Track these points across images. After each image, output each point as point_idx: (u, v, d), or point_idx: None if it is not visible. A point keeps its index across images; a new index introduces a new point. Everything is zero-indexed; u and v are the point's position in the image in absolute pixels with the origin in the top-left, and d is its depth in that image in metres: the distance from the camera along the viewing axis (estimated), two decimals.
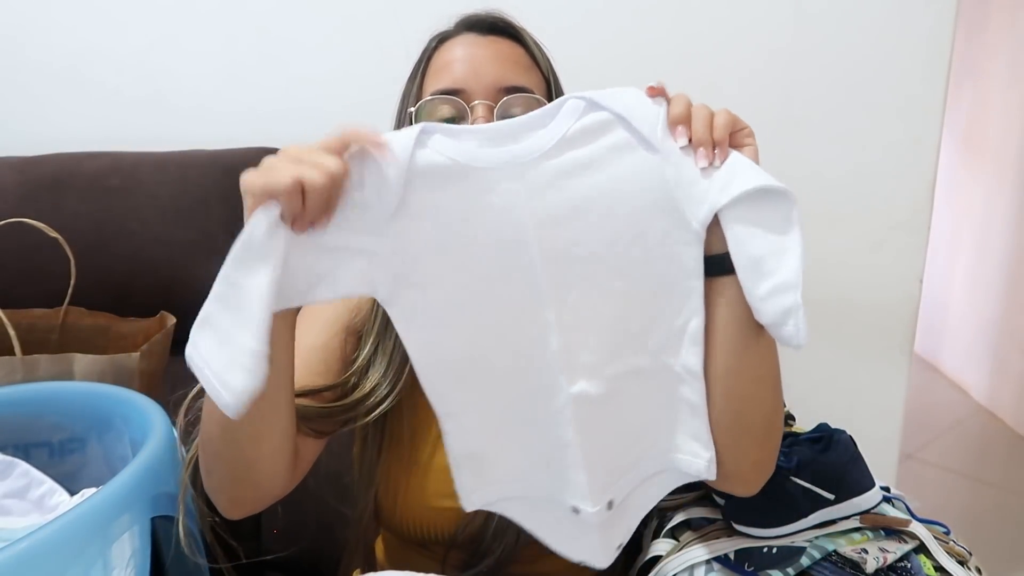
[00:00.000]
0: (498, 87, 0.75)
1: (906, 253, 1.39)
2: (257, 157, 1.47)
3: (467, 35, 0.79)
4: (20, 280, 1.23)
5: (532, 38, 0.81)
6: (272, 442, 0.65)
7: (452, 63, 0.77)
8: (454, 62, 0.76)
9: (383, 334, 0.78)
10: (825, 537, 0.77)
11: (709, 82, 1.38)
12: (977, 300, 3.07)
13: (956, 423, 2.88)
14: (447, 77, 0.76)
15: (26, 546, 0.54)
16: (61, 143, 1.39)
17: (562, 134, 0.61)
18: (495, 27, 0.79)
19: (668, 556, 0.82)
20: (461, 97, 0.75)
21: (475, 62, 0.76)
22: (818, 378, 1.44)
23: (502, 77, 0.75)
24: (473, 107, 0.74)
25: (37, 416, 0.84)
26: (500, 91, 0.75)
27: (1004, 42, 2.86)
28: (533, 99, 0.75)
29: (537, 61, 0.79)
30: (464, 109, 0.74)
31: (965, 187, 3.15)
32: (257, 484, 0.67)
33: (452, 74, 0.76)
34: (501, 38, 0.78)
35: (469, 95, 0.75)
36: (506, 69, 0.76)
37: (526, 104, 0.74)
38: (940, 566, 0.76)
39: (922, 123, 1.34)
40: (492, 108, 0.74)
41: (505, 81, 0.75)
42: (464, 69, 0.75)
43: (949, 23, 1.30)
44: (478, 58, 0.76)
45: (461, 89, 0.75)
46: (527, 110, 0.70)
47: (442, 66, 0.77)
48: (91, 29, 1.50)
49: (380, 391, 0.76)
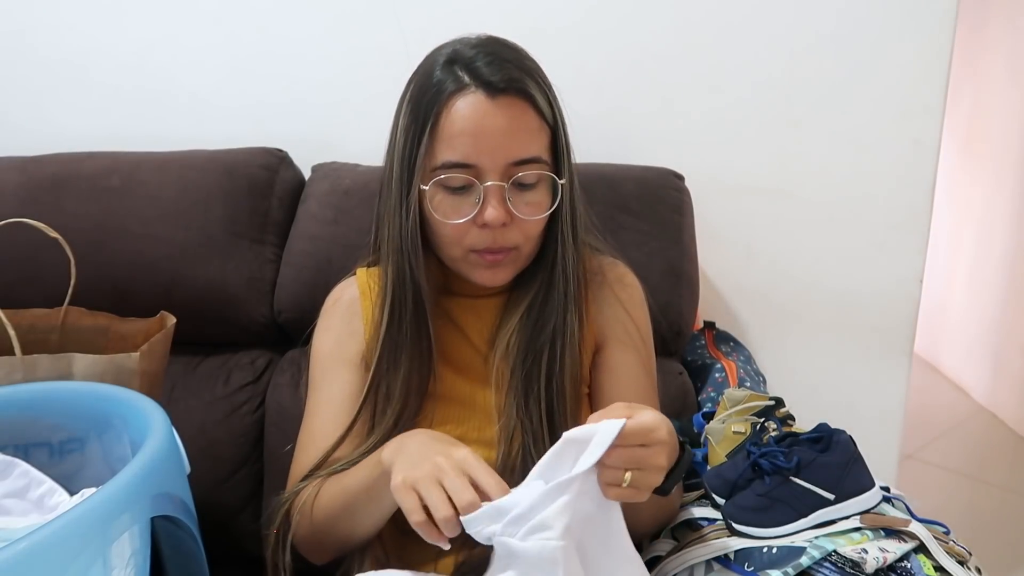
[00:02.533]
0: (508, 162, 0.80)
1: (906, 253, 1.39)
2: (257, 157, 1.48)
3: (477, 94, 0.80)
4: (20, 280, 1.23)
5: (540, 83, 0.83)
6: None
7: (463, 136, 0.80)
8: (464, 135, 0.79)
9: (392, 361, 0.88)
10: (825, 537, 0.77)
11: (709, 82, 1.38)
12: (977, 300, 3.07)
13: (956, 423, 2.88)
14: (459, 150, 0.80)
15: (26, 546, 0.53)
16: (61, 143, 1.39)
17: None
18: (506, 89, 0.80)
19: (668, 556, 0.82)
20: (472, 172, 0.80)
21: (486, 137, 0.79)
22: (818, 378, 1.44)
23: (512, 152, 0.80)
24: (486, 188, 0.80)
25: (37, 416, 0.84)
26: (510, 166, 0.80)
27: (1004, 43, 2.86)
28: (542, 172, 0.82)
29: (544, 115, 0.82)
30: (475, 183, 0.80)
31: (965, 187, 3.15)
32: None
33: (464, 148, 0.79)
34: (511, 99, 0.80)
35: (480, 171, 0.80)
36: (516, 142, 0.80)
37: (535, 176, 0.81)
38: (940, 566, 0.76)
39: (922, 123, 1.34)
40: (503, 188, 0.80)
41: (515, 156, 0.80)
42: (475, 145, 0.79)
43: (949, 23, 1.30)
44: (488, 132, 0.79)
45: (472, 164, 0.80)
46: (535, 181, 0.81)
47: (454, 134, 0.80)
48: (91, 29, 1.50)
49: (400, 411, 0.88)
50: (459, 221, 0.81)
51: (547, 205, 0.84)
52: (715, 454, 0.93)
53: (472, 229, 0.82)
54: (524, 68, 0.83)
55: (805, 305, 1.44)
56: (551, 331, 0.87)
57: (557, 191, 0.84)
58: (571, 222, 0.86)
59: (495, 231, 0.82)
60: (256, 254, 1.27)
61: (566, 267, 0.87)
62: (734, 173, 1.40)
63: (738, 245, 1.43)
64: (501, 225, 0.81)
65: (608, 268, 0.97)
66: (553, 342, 0.87)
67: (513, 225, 0.82)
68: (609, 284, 0.95)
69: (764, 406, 0.96)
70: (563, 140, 0.85)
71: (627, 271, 0.98)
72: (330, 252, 1.22)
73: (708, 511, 0.86)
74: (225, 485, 1.22)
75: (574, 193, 0.87)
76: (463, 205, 0.81)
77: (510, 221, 0.81)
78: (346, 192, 1.27)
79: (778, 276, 1.44)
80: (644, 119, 1.40)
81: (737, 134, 1.39)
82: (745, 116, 1.38)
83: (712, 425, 0.96)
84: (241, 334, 1.30)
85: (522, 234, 0.84)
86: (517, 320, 0.89)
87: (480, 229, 0.82)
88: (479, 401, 0.90)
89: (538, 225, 0.84)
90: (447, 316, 0.94)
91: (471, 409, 0.91)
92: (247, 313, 1.27)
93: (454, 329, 0.94)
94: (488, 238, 0.82)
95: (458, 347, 0.93)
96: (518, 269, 0.89)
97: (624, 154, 1.31)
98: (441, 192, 0.82)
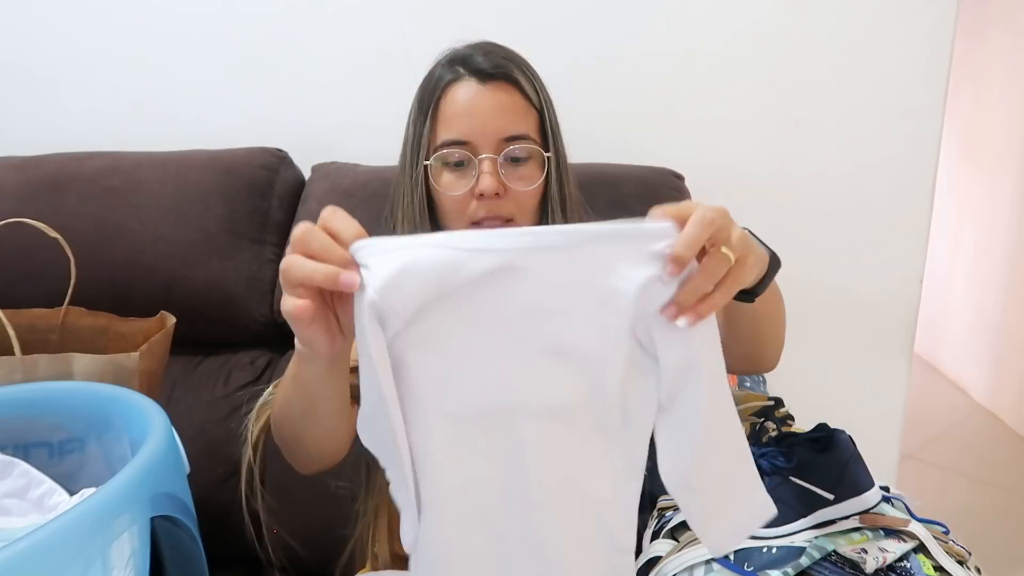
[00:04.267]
0: (500, 138, 0.88)
1: (906, 253, 1.39)
2: (257, 157, 1.47)
3: (469, 81, 0.89)
4: (20, 280, 1.23)
5: (526, 72, 0.92)
6: (340, 406, 0.74)
7: (458, 116, 0.89)
8: (460, 115, 0.89)
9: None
10: (825, 537, 0.77)
11: (710, 82, 1.38)
12: (977, 300, 3.07)
13: (956, 423, 2.88)
14: (455, 129, 0.89)
15: (25, 546, 0.53)
16: (61, 143, 1.39)
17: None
18: (495, 75, 0.89)
19: (668, 556, 0.82)
20: (468, 148, 0.88)
21: (479, 116, 0.88)
22: (818, 378, 1.44)
23: (503, 129, 0.88)
24: (481, 161, 0.87)
25: (37, 416, 0.84)
26: (502, 141, 0.88)
27: (1004, 43, 2.86)
28: (531, 147, 0.89)
29: (530, 99, 0.91)
30: (471, 159, 0.88)
31: (965, 187, 3.15)
32: (325, 441, 0.80)
33: (459, 127, 0.89)
34: (500, 83, 0.89)
35: (475, 147, 0.88)
36: (506, 120, 0.89)
37: (525, 150, 0.89)
38: (939, 566, 0.76)
39: (922, 124, 1.34)
40: (496, 160, 0.88)
41: (506, 132, 0.88)
42: (469, 123, 0.88)
43: (949, 24, 1.30)
44: (480, 111, 0.88)
45: (468, 141, 0.88)
46: (526, 155, 0.89)
47: (450, 116, 0.89)
48: (91, 30, 1.51)
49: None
50: (459, 193, 0.89)
51: (538, 179, 0.91)
52: None
53: (472, 201, 0.89)
54: (512, 59, 0.92)
55: (805, 305, 1.44)
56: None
57: (545, 166, 0.91)
58: (559, 199, 0.93)
59: (491, 201, 0.88)
60: (256, 254, 1.27)
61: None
62: (734, 173, 1.40)
63: None
64: (495, 195, 0.88)
65: None
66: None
67: (507, 197, 0.89)
68: None
69: (763, 406, 0.96)
70: (549, 123, 0.92)
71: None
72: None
73: None
74: (225, 485, 1.22)
75: (562, 173, 0.93)
76: (462, 179, 0.89)
77: (504, 192, 0.89)
78: (346, 192, 1.27)
79: (778, 276, 1.43)
80: (644, 119, 1.40)
81: (737, 134, 1.39)
82: (745, 116, 1.38)
83: None
84: (241, 334, 1.30)
85: (517, 206, 0.90)
86: None
87: (478, 200, 0.89)
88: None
89: (531, 198, 0.91)
90: None
91: None
92: (247, 313, 1.27)
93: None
94: (485, 208, 0.89)
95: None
96: None
97: (624, 154, 1.31)
98: (443, 169, 0.90)
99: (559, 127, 0.94)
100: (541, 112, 0.92)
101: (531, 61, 0.93)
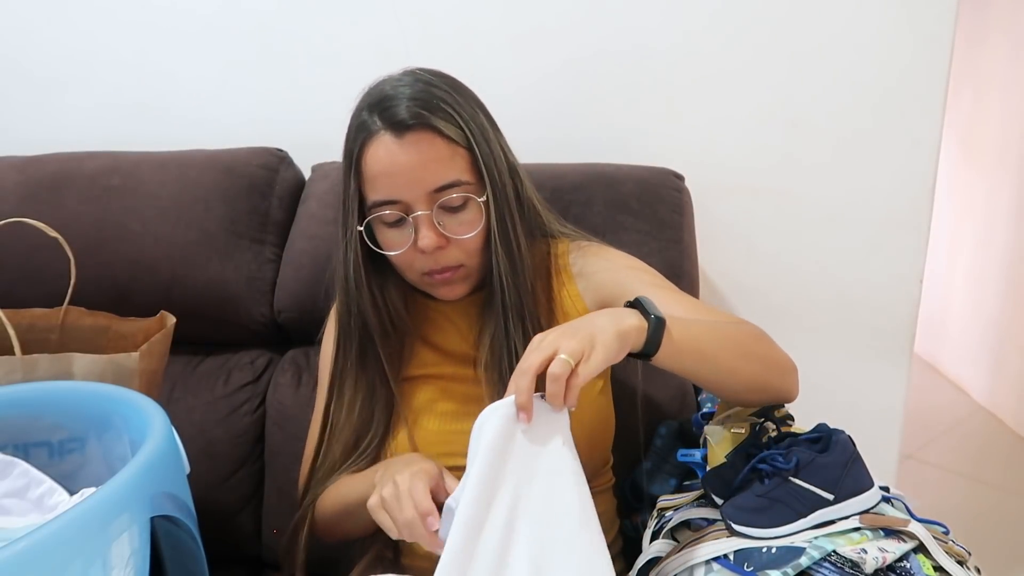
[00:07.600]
0: (428, 191, 0.85)
1: (906, 253, 1.39)
2: (257, 157, 1.48)
3: (385, 137, 0.85)
4: (20, 280, 1.23)
5: (447, 109, 0.86)
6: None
7: (381, 176, 0.86)
8: (382, 176, 0.85)
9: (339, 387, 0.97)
10: (824, 537, 0.77)
11: (709, 82, 1.38)
12: (977, 300, 3.07)
13: (956, 423, 2.88)
14: (381, 190, 0.86)
15: (25, 545, 0.53)
16: (61, 143, 1.39)
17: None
18: (412, 125, 0.84)
19: (668, 557, 0.82)
20: (400, 207, 0.86)
21: (401, 175, 0.85)
22: (818, 378, 1.44)
23: (429, 182, 0.85)
24: (415, 218, 0.85)
25: (37, 416, 0.84)
26: (432, 194, 0.85)
27: (1004, 43, 2.86)
28: (464, 193, 0.86)
29: (455, 139, 0.86)
30: (404, 216, 0.86)
31: (965, 187, 3.15)
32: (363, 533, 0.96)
33: (385, 188, 0.86)
34: (418, 134, 0.84)
35: (407, 205, 0.85)
36: (430, 172, 0.85)
37: (459, 198, 0.86)
38: (939, 566, 0.76)
39: (922, 123, 1.34)
40: (430, 215, 0.85)
41: (433, 184, 0.85)
42: (394, 183, 0.85)
43: (949, 24, 1.30)
44: (402, 169, 0.84)
45: (398, 200, 0.86)
46: (460, 202, 0.86)
47: (373, 176, 0.86)
48: (91, 29, 1.51)
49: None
50: (400, 252, 0.88)
51: (479, 223, 0.88)
52: (714, 455, 0.93)
53: (416, 255, 0.88)
54: (432, 99, 0.86)
55: (805, 305, 1.44)
56: (503, 333, 0.91)
57: (484, 206, 0.88)
58: (501, 235, 0.89)
59: (435, 254, 0.87)
60: (256, 254, 1.27)
61: (503, 279, 0.89)
62: (734, 173, 1.40)
63: (738, 245, 1.43)
64: (437, 248, 0.86)
65: (574, 249, 0.99)
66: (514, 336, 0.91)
67: (451, 246, 0.88)
68: (583, 259, 0.98)
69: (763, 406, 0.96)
70: (481, 157, 0.87)
71: (591, 244, 1.01)
72: (330, 252, 1.22)
73: (708, 511, 0.86)
74: (225, 485, 1.22)
75: (505, 203, 0.89)
76: (401, 236, 0.87)
77: (446, 244, 0.87)
78: None
79: (778, 276, 1.44)
80: (644, 119, 1.40)
81: (737, 134, 1.39)
82: (745, 116, 1.38)
83: (711, 426, 0.96)
84: (241, 334, 1.30)
85: (463, 252, 0.89)
86: (491, 319, 0.93)
87: (422, 255, 0.87)
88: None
89: (475, 241, 0.88)
90: (445, 316, 0.98)
91: (479, 404, 0.92)
92: (247, 313, 1.27)
93: (451, 327, 0.98)
94: (431, 261, 0.88)
95: (457, 344, 0.98)
96: (473, 281, 0.93)
97: (624, 154, 1.31)
98: (381, 227, 0.88)
99: (498, 145, 0.90)
100: (470, 148, 0.87)
101: (531, 61, 0.91)
